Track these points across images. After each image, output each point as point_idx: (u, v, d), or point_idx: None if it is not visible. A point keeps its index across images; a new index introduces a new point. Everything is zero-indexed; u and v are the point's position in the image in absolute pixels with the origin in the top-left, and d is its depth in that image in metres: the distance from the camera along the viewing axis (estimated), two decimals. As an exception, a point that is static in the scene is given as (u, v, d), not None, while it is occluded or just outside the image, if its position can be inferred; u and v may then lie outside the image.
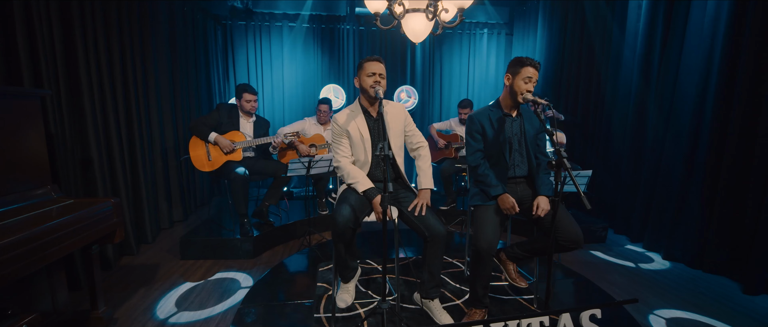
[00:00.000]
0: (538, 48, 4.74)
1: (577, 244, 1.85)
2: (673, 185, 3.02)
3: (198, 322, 2.12)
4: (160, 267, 2.80)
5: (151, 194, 3.29)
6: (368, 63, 1.85)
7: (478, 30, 5.38)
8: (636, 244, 3.37)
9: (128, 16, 2.98)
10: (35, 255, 1.45)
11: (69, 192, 2.40)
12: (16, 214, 1.58)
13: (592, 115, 3.99)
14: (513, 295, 2.31)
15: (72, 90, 2.46)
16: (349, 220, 1.70)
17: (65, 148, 2.37)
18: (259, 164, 3.19)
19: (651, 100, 3.26)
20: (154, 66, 3.36)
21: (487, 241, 1.81)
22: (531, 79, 1.83)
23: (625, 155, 3.52)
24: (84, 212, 1.72)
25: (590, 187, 3.97)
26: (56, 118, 2.28)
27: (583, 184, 2.96)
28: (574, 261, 3.00)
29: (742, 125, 2.54)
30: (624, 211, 3.55)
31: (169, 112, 3.63)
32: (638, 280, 2.71)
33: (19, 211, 1.61)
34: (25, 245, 1.41)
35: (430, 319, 1.98)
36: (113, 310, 2.20)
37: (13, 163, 1.68)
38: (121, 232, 1.94)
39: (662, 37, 3.13)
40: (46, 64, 2.18)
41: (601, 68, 3.83)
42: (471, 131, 2.00)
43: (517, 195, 1.99)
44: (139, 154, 3.12)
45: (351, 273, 1.89)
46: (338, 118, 1.93)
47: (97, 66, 2.65)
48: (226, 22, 4.90)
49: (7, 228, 1.46)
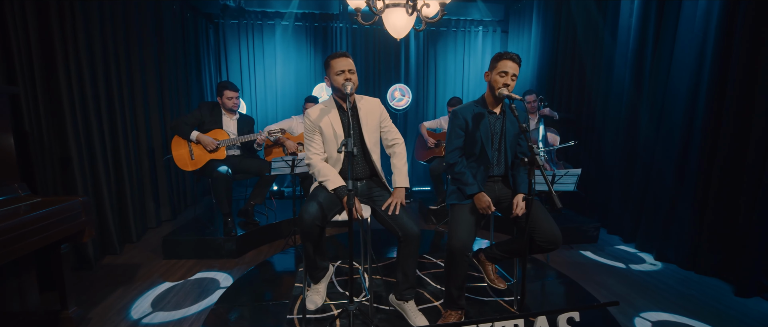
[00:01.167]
0: (533, 45, 4.67)
1: (555, 245, 1.79)
2: (665, 184, 2.94)
3: (171, 322, 2.09)
4: (141, 266, 2.78)
5: (136, 193, 3.27)
6: (335, 60, 1.80)
7: (473, 27, 5.31)
8: (628, 245, 3.30)
9: (111, 15, 2.96)
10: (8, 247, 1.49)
11: (47, 190, 2.39)
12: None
13: (585, 113, 3.91)
14: (494, 296, 2.25)
15: (50, 88, 2.44)
16: (316, 218, 1.66)
17: (42, 146, 2.35)
18: (245, 163, 3.16)
19: (643, 97, 3.18)
20: (140, 64, 3.34)
21: (460, 240, 1.76)
22: (507, 74, 1.78)
23: (617, 154, 3.44)
24: (48, 210, 1.69)
25: (582, 186, 3.90)
26: (32, 116, 2.27)
27: (572, 183, 2.90)
28: (562, 262, 2.93)
29: (734, 124, 2.46)
30: (617, 210, 3.47)
31: (156, 111, 3.61)
32: (627, 281, 2.63)
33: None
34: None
35: (405, 321, 1.93)
36: (88, 310, 2.18)
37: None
38: (91, 231, 1.91)
39: (654, 34, 3.05)
40: (20, 62, 2.17)
41: (593, 66, 3.76)
42: (454, 126, 1.95)
43: (494, 194, 1.94)
44: (124, 153, 3.11)
45: (321, 273, 1.85)
46: (310, 113, 1.88)
47: (77, 64, 2.62)
48: (218, 20, 4.89)
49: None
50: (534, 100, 3.64)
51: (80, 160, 2.62)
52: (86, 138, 2.72)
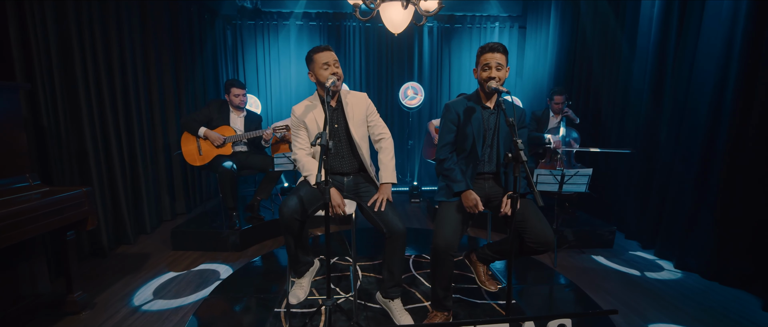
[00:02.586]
0: (551, 41, 4.48)
1: (546, 247, 1.70)
2: (687, 187, 2.72)
3: (168, 310, 2.17)
4: (150, 256, 2.90)
5: (150, 187, 3.43)
6: (318, 54, 1.78)
7: (489, 23, 5.17)
8: (647, 251, 3.08)
9: (128, 16, 3.11)
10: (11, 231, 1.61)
11: (64, 181, 2.54)
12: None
13: (604, 111, 3.70)
14: (488, 299, 2.17)
15: (68, 86, 2.59)
16: (294, 212, 1.66)
17: (59, 140, 2.50)
18: (251, 159, 3.23)
19: (666, 94, 2.96)
20: (157, 64, 3.49)
21: (444, 239, 1.70)
22: (490, 67, 1.70)
23: (637, 154, 3.23)
24: (53, 198, 1.80)
25: (599, 188, 3.70)
26: (50, 112, 2.42)
27: (583, 184, 2.76)
28: (570, 266, 2.79)
29: (764, 122, 2.23)
30: (635, 214, 3.25)
31: (172, 109, 3.76)
32: (639, 289, 2.46)
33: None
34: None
35: (391, 320, 1.89)
36: (95, 295, 2.30)
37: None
38: (94, 220, 2.01)
39: (677, 27, 2.83)
40: (39, 61, 2.31)
41: (613, 62, 3.55)
42: (446, 121, 1.89)
43: (484, 192, 1.86)
44: (139, 148, 3.26)
45: (304, 267, 1.85)
46: (296, 109, 1.89)
47: (94, 63, 2.78)
48: (236, 22, 5.04)
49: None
50: (562, 101, 3.47)
51: (96, 154, 2.77)
52: (102, 133, 2.87)
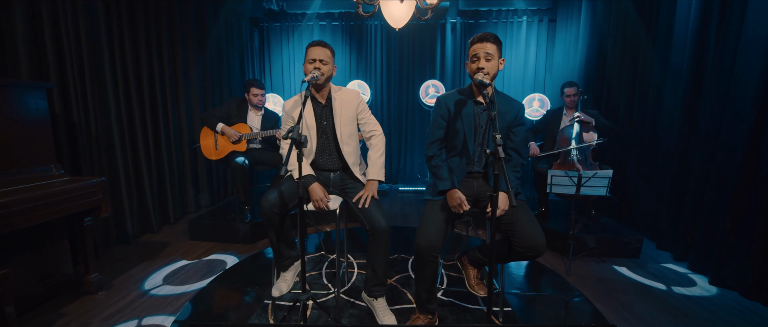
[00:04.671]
0: (581, 36, 4.19)
1: (536, 252, 1.58)
2: (726, 193, 2.41)
3: (173, 295, 2.29)
4: (169, 245, 3.09)
5: (175, 180, 3.65)
6: (309, 49, 1.81)
7: (516, 18, 4.94)
8: (679, 264, 2.78)
9: (155, 17, 3.34)
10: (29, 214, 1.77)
11: (93, 173, 2.77)
12: (19, 184, 1.88)
13: (635, 111, 3.39)
14: (482, 305, 2.06)
15: (98, 84, 2.83)
16: (274, 206, 1.68)
17: (89, 134, 2.73)
18: (264, 156, 3.34)
19: (705, 89, 2.65)
20: (183, 64, 3.72)
21: (427, 239, 1.64)
22: (478, 58, 1.61)
23: (671, 157, 2.92)
24: (68, 187, 1.97)
25: (626, 193, 3.39)
26: (80, 109, 2.65)
27: (603, 187, 2.56)
28: (587, 276, 2.58)
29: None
30: (668, 222, 2.94)
31: (197, 107, 3.98)
32: (663, 305, 2.22)
33: (21, 182, 1.91)
34: (20, 205, 1.73)
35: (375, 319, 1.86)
36: (113, 277, 2.49)
37: (17, 145, 1.99)
38: (107, 208, 2.17)
39: (718, 16, 2.52)
40: (70, 60, 2.54)
41: (645, 60, 3.24)
42: (436, 116, 1.83)
43: (472, 191, 1.77)
44: (164, 143, 3.48)
45: (287, 261, 1.86)
46: (286, 105, 1.92)
47: (123, 63, 3.02)
48: (262, 24, 5.24)
49: (8, 193, 1.76)
50: (574, 93, 3.26)
51: (123, 147, 3.00)
52: (129, 129, 3.10)
